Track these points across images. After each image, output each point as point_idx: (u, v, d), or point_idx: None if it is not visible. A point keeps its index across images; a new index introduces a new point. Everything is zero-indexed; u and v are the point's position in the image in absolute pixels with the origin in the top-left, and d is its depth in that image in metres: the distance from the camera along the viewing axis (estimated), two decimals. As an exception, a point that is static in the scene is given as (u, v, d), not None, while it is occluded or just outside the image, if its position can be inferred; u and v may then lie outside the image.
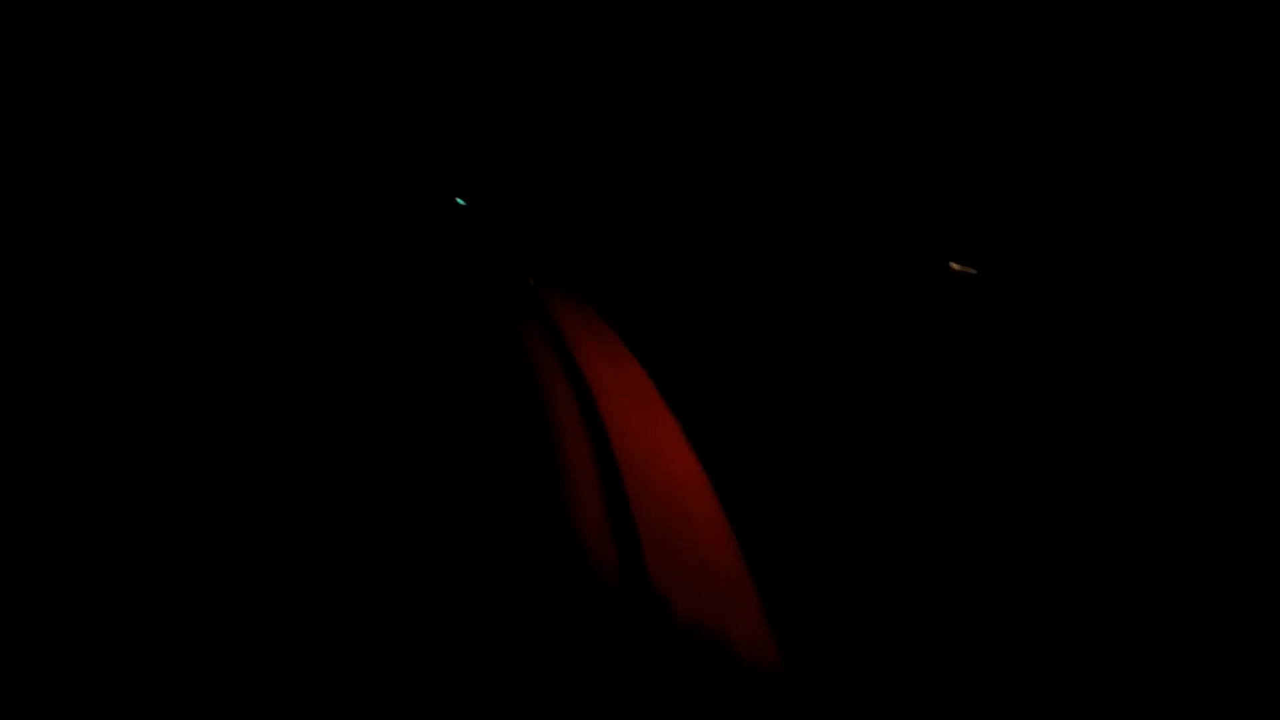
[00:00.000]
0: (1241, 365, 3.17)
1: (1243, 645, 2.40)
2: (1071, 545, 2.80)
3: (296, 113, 5.35)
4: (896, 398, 3.50)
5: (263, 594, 1.98)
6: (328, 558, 2.11)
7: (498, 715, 1.75)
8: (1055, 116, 4.10)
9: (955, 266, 3.87)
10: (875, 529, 2.78)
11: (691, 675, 1.48)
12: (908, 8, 4.52)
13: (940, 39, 4.42)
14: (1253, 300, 3.32)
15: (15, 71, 4.25)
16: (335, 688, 1.82)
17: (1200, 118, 3.70)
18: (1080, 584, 2.63)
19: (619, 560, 1.71)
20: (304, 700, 1.79)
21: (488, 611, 1.94)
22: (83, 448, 2.41)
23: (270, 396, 3.05)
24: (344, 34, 5.69)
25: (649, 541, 1.71)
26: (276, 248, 3.75)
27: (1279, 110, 3.54)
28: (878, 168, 4.63)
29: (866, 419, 3.38)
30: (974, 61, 4.33)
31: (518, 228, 4.25)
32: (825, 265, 4.41)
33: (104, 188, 3.75)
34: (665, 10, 5.33)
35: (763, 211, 4.89)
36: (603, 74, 5.62)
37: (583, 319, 3.09)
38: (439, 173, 5.12)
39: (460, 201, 3.82)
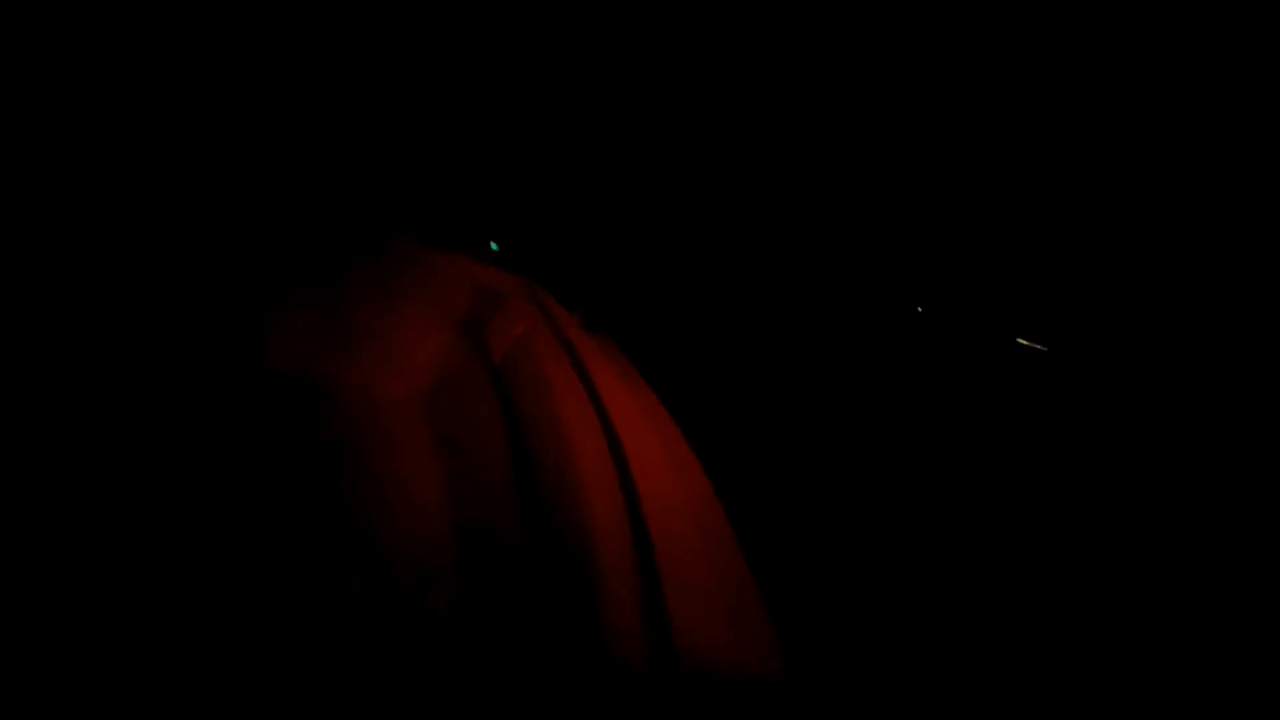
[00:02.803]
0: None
1: (1243, 645, 2.45)
2: (1080, 558, 2.83)
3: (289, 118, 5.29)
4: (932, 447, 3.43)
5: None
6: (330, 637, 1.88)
7: None
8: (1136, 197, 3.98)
9: (1023, 342, 3.86)
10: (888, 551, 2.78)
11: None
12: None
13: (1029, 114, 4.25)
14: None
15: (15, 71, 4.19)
16: None
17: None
18: (1088, 593, 2.67)
19: (646, 642, 1.50)
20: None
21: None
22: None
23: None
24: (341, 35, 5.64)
25: (675, 603, 1.52)
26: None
27: None
28: (943, 230, 4.47)
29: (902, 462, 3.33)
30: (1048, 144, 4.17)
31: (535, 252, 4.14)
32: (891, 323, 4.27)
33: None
34: (668, 12, 5.28)
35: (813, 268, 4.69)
36: (602, 77, 5.60)
37: (595, 343, 2.93)
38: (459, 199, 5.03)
39: (494, 246, 3.79)
